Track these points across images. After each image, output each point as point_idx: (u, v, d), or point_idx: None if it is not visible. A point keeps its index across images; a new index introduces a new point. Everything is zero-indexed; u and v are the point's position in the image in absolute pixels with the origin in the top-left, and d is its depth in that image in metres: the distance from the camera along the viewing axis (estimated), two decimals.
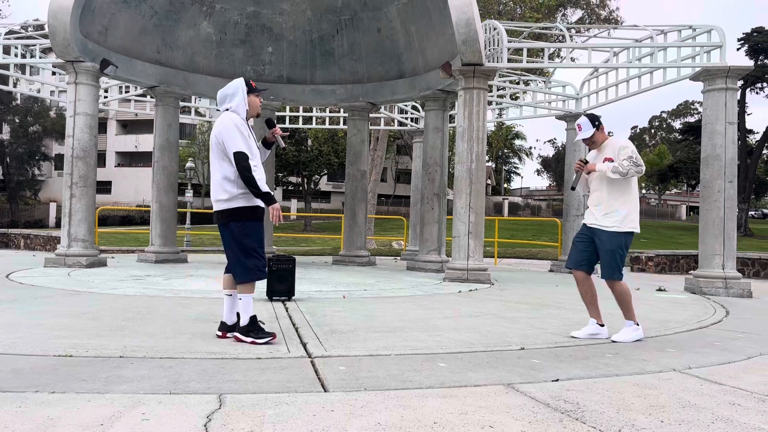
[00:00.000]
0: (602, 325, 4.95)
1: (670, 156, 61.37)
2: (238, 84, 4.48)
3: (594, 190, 4.98)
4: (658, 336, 5.12)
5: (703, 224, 9.51)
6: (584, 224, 5.04)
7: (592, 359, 4.07)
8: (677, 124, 69.85)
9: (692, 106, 69.22)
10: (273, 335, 4.29)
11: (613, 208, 4.82)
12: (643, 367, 3.89)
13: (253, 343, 4.20)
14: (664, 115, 74.58)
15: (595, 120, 4.99)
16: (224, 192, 4.27)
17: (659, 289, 9.43)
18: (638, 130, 79.06)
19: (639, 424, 2.71)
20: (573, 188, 5.23)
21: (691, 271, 9.86)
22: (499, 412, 2.84)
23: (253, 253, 4.26)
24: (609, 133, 5.12)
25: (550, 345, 4.54)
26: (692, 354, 4.38)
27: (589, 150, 5.20)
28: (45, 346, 3.94)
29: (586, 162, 5.04)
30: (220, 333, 4.47)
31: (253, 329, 4.27)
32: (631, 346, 4.58)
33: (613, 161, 4.82)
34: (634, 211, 4.85)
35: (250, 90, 4.48)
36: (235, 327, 4.41)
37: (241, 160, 4.18)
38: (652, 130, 76.78)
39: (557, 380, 3.47)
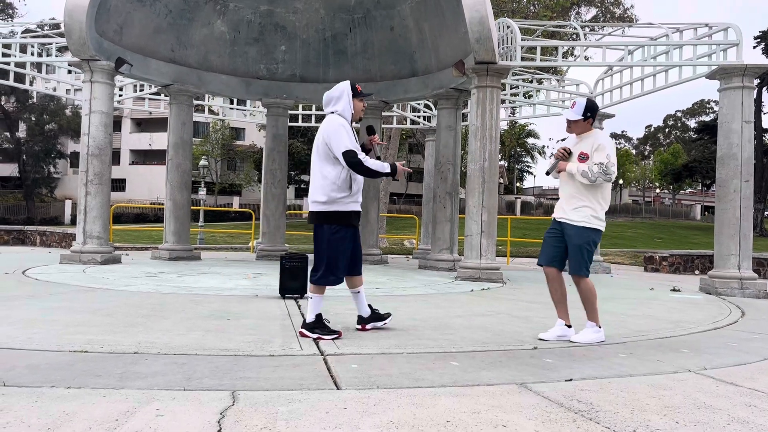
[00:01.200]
0: (569, 326, 4.79)
1: (685, 155, 60.86)
2: (344, 87, 4.58)
3: (565, 183, 4.82)
4: (672, 336, 5.07)
5: (718, 224, 9.41)
6: (554, 218, 4.89)
7: (605, 359, 4.05)
8: (692, 123, 69.25)
9: (708, 105, 68.59)
10: (339, 333, 4.46)
11: (582, 203, 4.68)
12: (658, 367, 3.86)
13: (318, 338, 4.34)
14: (679, 113, 73.96)
15: (588, 111, 4.76)
16: (323, 194, 4.40)
17: (673, 290, 9.35)
18: (653, 129, 78.51)
19: (654, 425, 2.69)
20: (547, 173, 5.01)
21: (707, 272, 9.76)
22: (511, 411, 2.83)
23: (334, 261, 4.43)
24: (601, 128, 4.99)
25: (563, 344, 4.52)
26: (707, 355, 4.33)
27: (569, 132, 4.97)
28: (61, 342, 3.98)
29: (570, 152, 4.84)
30: (359, 326, 4.79)
31: (319, 326, 4.43)
32: (646, 347, 4.55)
33: (587, 157, 4.66)
34: (601, 208, 4.70)
35: (355, 94, 4.55)
36: (371, 318, 4.78)
37: (350, 157, 4.32)
38: (667, 129, 76.17)
39: (570, 380, 3.45)
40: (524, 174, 72.89)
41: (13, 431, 2.36)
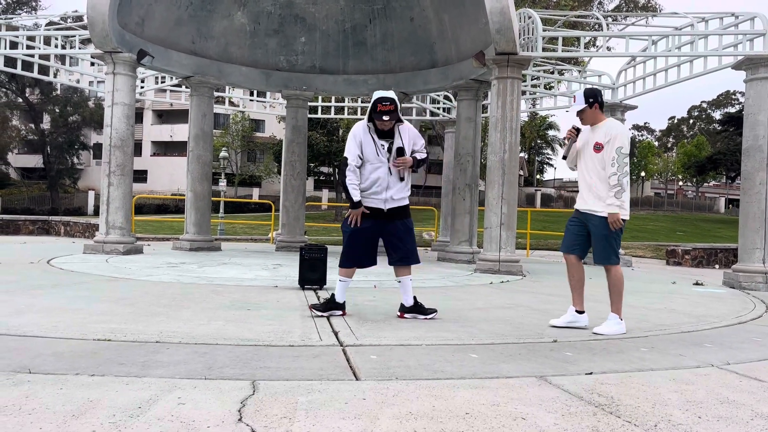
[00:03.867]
0: (581, 312, 4.91)
1: (709, 147, 59.90)
2: (374, 99, 4.89)
3: (584, 173, 4.79)
4: (695, 331, 5.01)
5: (743, 217, 9.26)
6: (576, 209, 4.90)
7: (626, 353, 4.01)
8: (717, 115, 68.07)
9: (733, 96, 67.38)
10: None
11: (604, 193, 4.64)
12: (680, 362, 3.82)
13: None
14: (704, 105, 72.73)
15: (590, 97, 4.72)
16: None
17: (696, 283, 9.23)
18: (676, 121, 77.35)
19: (675, 420, 2.67)
20: (564, 157, 5.03)
21: (731, 266, 9.62)
22: (531, 404, 2.82)
23: (344, 249, 5.10)
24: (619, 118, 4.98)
25: (584, 338, 4.49)
26: (731, 349, 4.27)
27: (577, 134, 4.90)
28: (85, 331, 4.04)
29: (579, 130, 4.84)
30: (399, 314, 5.10)
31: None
32: (668, 341, 4.50)
33: (602, 147, 4.62)
34: (626, 197, 4.65)
35: (373, 110, 4.80)
36: (413, 308, 5.06)
37: (341, 163, 4.95)
38: (691, 121, 75.00)
39: (591, 373, 3.42)
40: (544, 166, 72.29)
41: (39, 418, 2.41)
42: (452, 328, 4.65)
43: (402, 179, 4.97)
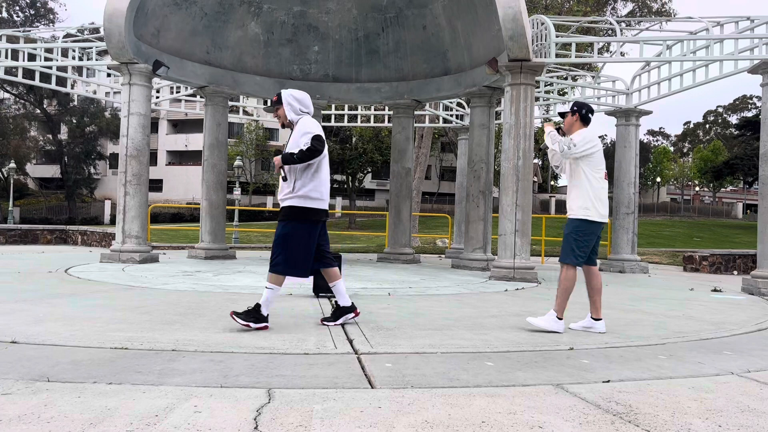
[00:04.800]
0: (597, 319, 5.04)
1: (726, 152, 59.31)
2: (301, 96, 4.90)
3: (566, 183, 5.28)
4: (714, 338, 4.95)
5: (762, 222, 9.14)
6: None
7: (644, 360, 3.97)
8: (734, 119, 67.38)
9: (750, 100, 66.66)
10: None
11: (572, 197, 5.11)
12: (699, 369, 3.77)
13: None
14: (720, 109, 72.03)
15: (575, 106, 5.17)
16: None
17: (714, 290, 9.12)
18: (692, 126, 76.70)
19: (695, 429, 2.63)
20: (540, 149, 5.47)
21: (749, 272, 9.49)
22: (548, 412, 2.80)
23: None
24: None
25: (600, 345, 4.45)
26: (751, 357, 4.21)
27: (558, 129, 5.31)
28: (102, 339, 4.08)
29: (559, 129, 5.21)
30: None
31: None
32: (687, 349, 4.44)
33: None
34: (589, 200, 4.99)
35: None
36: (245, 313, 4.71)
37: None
38: (707, 125, 74.30)
39: (608, 381, 3.39)
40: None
41: (57, 426, 2.43)
42: (467, 336, 4.63)
43: (285, 179, 4.76)
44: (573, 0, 24.69)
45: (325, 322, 4.94)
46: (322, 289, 6.70)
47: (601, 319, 5.03)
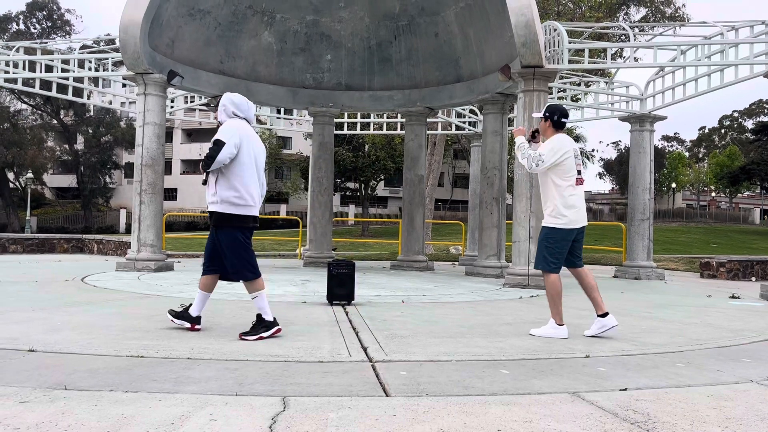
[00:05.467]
0: (603, 315, 5.06)
1: (742, 157, 58.74)
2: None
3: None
4: (732, 345, 4.88)
5: None
6: None
7: (662, 368, 3.92)
8: (750, 124, 66.73)
9: (766, 105, 66.02)
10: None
11: (545, 207, 5.28)
12: (718, 377, 3.72)
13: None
14: (736, 114, 71.37)
15: (547, 111, 5.25)
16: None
17: (732, 296, 9.00)
18: (707, 131, 76.04)
19: None
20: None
21: None
22: (565, 420, 2.77)
23: None
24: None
25: (616, 353, 4.40)
26: None
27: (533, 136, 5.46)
28: (118, 347, 4.10)
29: (535, 134, 5.38)
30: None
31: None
32: (705, 356, 4.39)
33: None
34: (558, 208, 5.11)
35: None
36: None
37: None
38: (722, 131, 73.63)
39: (625, 389, 3.35)
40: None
41: None
42: (482, 344, 4.60)
43: (204, 182, 4.71)
44: (585, 6, 24.64)
45: (244, 337, 4.57)
46: (336, 296, 6.71)
47: (607, 314, 5.06)
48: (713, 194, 77.38)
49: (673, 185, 66.91)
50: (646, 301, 8.07)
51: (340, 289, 6.71)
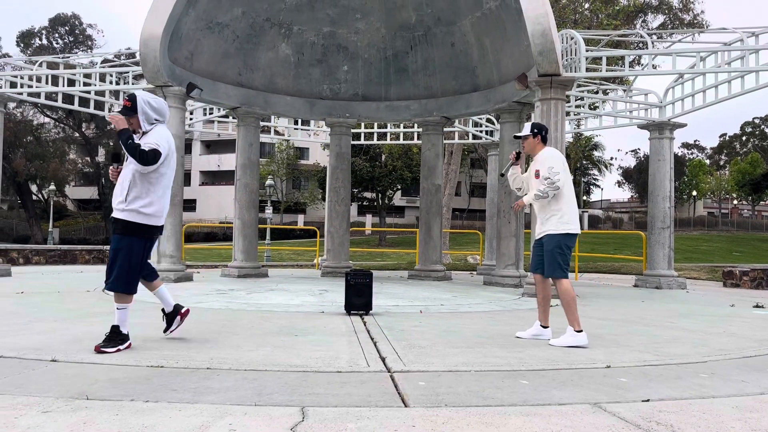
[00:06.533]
0: (546, 327, 5.36)
1: (765, 164, 57.90)
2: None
3: (533, 203, 5.41)
4: (758, 355, 4.79)
5: None
6: (535, 238, 5.53)
7: (684, 379, 3.86)
8: None
9: None
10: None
11: (550, 213, 5.21)
12: (743, 388, 3.65)
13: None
14: (757, 120, 70.43)
15: (535, 128, 5.38)
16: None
17: (757, 306, 8.85)
18: (728, 138, 75.11)
19: None
20: (502, 175, 5.74)
21: None
22: (586, 431, 2.74)
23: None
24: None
25: (638, 363, 4.34)
26: None
27: (518, 158, 5.58)
28: (138, 357, 4.14)
29: (519, 154, 5.51)
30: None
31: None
32: (729, 367, 4.31)
33: (539, 173, 5.21)
34: (569, 214, 5.18)
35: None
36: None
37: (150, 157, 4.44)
38: (744, 137, 72.65)
39: (648, 400, 3.30)
40: (591, 187, 71.06)
41: None
42: (501, 354, 4.57)
43: (115, 177, 4.57)
44: (603, 14, 24.54)
45: (167, 333, 4.92)
46: (354, 306, 6.71)
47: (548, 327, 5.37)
48: (735, 202, 76.29)
49: (694, 193, 66.13)
50: (667, 311, 7.96)
51: (358, 299, 6.71)
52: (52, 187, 42.70)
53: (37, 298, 7.91)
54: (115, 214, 4.51)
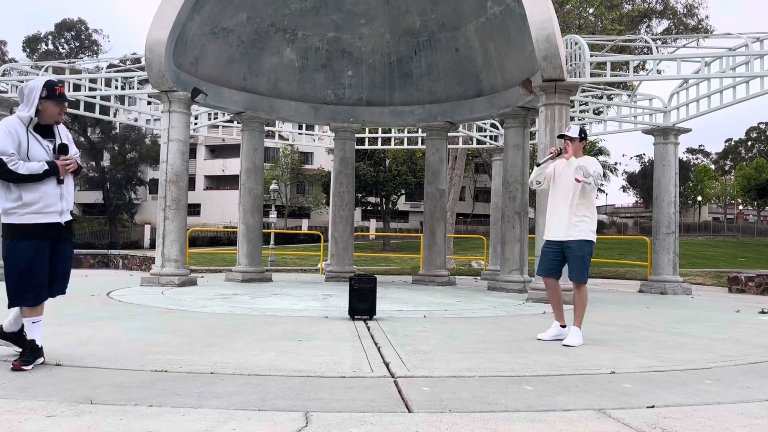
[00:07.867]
0: (564, 326, 5.54)
1: None
2: (34, 85, 4.00)
3: (560, 202, 5.53)
4: (763, 362, 4.76)
5: None
6: (549, 239, 5.61)
7: (690, 385, 3.84)
8: None
9: None
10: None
11: (581, 217, 5.42)
12: (748, 395, 3.63)
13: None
14: (763, 125, 70.23)
15: (582, 132, 5.57)
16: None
17: (762, 312, 8.81)
18: (733, 143, 74.92)
19: None
20: (538, 164, 5.76)
21: None
22: None
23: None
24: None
25: (643, 369, 4.32)
26: None
27: (558, 155, 5.64)
28: (142, 362, 4.14)
29: (560, 153, 5.57)
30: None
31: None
32: (735, 373, 4.29)
33: (580, 180, 5.34)
34: (595, 222, 5.53)
35: (51, 95, 3.98)
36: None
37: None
38: (749, 142, 72.43)
39: (653, 407, 3.29)
40: (596, 192, 70.83)
41: None
42: (505, 359, 4.56)
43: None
44: (607, 19, 24.55)
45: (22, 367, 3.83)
46: (358, 311, 6.70)
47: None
48: (740, 207, 76.02)
49: (699, 198, 65.93)
50: (672, 317, 7.93)
51: (362, 303, 6.71)
52: None
53: None
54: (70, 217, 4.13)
